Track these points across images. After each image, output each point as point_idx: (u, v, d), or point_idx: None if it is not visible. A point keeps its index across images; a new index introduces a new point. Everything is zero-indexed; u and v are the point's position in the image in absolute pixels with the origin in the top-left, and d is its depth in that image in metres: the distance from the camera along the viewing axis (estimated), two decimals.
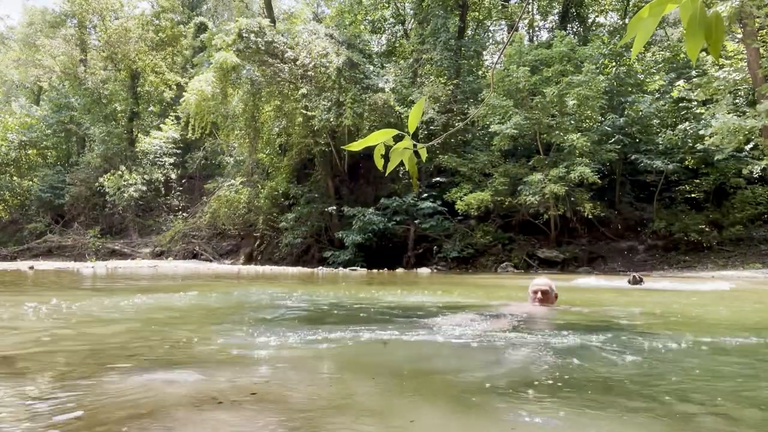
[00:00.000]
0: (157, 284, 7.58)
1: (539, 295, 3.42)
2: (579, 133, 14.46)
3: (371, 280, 9.41)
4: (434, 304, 4.44)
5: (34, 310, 3.53)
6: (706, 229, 15.00)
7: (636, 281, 7.04)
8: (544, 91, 14.83)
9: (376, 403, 1.42)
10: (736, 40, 14.41)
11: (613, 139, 15.51)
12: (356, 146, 1.38)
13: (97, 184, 24.59)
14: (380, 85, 17.24)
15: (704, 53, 13.96)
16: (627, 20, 22.26)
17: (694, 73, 16.05)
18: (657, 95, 17.16)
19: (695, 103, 14.95)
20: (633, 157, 15.85)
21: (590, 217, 14.90)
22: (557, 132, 14.91)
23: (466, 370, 1.90)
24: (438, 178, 18.20)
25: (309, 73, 17.37)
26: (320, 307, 4.29)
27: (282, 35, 18.49)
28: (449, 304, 4.40)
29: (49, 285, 7.24)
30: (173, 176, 26.13)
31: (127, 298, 4.51)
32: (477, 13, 24.00)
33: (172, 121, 25.73)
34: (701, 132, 13.41)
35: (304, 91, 17.15)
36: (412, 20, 23.13)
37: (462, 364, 2.02)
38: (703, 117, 14.06)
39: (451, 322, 3.10)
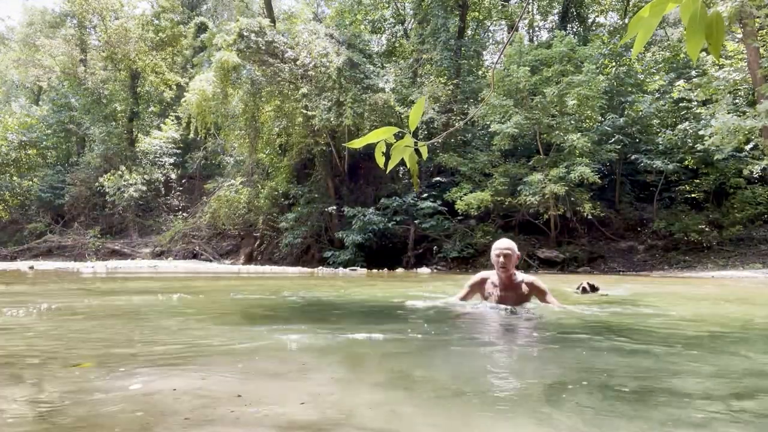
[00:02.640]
0: (155, 283, 7.58)
1: (502, 259, 3.42)
2: (579, 133, 14.45)
3: (371, 280, 9.41)
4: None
5: (25, 311, 3.53)
6: (706, 229, 15.00)
7: (587, 291, 5.52)
8: (544, 91, 14.83)
9: (377, 415, 1.40)
10: (736, 40, 14.41)
11: (613, 139, 15.51)
12: (357, 144, 1.38)
13: (97, 184, 24.56)
14: (380, 85, 17.23)
15: (704, 53, 13.97)
16: (627, 20, 22.26)
17: (694, 73, 16.04)
18: (657, 95, 17.14)
19: (695, 103, 14.94)
20: (633, 157, 15.84)
21: (590, 217, 14.89)
22: (557, 132, 14.90)
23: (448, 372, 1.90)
24: (438, 178, 18.19)
25: (309, 72, 17.36)
26: (321, 305, 4.29)
27: (282, 35, 18.49)
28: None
29: (48, 285, 7.24)
30: (173, 176, 26.10)
31: (125, 297, 4.51)
32: (477, 13, 24.00)
33: (172, 121, 25.71)
34: (701, 132, 13.40)
35: (304, 91, 17.14)
36: (412, 20, 23.12)
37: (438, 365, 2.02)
38: (703, 117, 14.05)
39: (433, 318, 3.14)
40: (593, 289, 5.51)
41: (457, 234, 16.86)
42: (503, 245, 3.48)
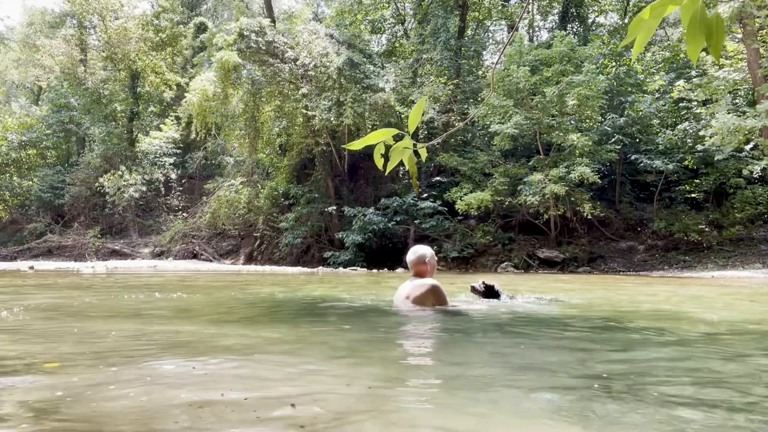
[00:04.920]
0: (155, 283, 7.58)
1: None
2: (579, 133, 14.46)
3: (371, 280, 9.41)
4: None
5: (11, 311, 3.52)
6: (706, 229, 15.00)
7: (482, 292, 3.91)
8: (544, 91, 14.83)
9: (377, 414, 1.40)
10: (736, 40, 14.41)
11: (613, 139, 15.52)
12: (357, 145, 1.38)
13: (97, 184, 24.57)
14: (380, 85, 17.24)
15: (704, 53, 13.97)
16: (627, 20, 22.27)
17: (694, 73, 16.04)
18: (657, 95, 17.15)
19: (695, 103, 14.95)
20: (633, 157, 15.84)
21: (590, 217, 14.90)
22: (557, 132, 14.90)
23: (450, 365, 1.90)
24: (438, 178, 18.20)
25: (309, 72, 17.37)
26: (320, 304, 4.29)
27: (282, 35, 18.50)
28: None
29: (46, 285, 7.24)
30: (173, 176, 26.10)
31: (124, 296, 4.51)
32: (477, 13, 24.01)
33: (172, 121, 25.73)
34: (701, 132, 13.41)
35: (304, 90, 17.15)
36: (412, 20, 23.14)
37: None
38: (703, 117, 14.06)
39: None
40: (490, 293, 3.89)
41: (457, 234, 16.87)
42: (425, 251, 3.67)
